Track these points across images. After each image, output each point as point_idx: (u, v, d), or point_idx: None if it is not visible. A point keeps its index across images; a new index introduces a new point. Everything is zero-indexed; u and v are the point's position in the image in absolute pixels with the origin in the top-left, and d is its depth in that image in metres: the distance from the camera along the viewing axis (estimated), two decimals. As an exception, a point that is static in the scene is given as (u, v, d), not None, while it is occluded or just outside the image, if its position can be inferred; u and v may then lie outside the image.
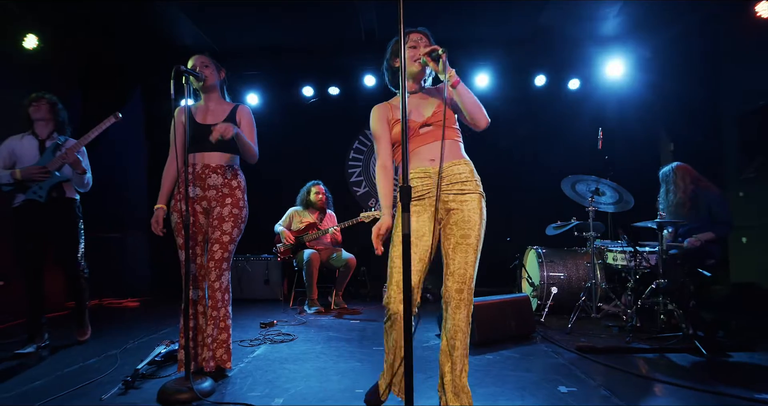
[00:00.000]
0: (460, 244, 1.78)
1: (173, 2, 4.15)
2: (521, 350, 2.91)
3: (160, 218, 2.34)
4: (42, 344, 2.98)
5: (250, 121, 2.48)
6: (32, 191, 2.90)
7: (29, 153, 2.96)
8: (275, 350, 2.96)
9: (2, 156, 2.95)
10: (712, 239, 3.40)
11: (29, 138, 3.01)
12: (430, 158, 1.86)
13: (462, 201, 1.82)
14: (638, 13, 4.59)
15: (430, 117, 1.90)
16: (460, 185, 1.83)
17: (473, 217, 1.80)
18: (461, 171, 1.85)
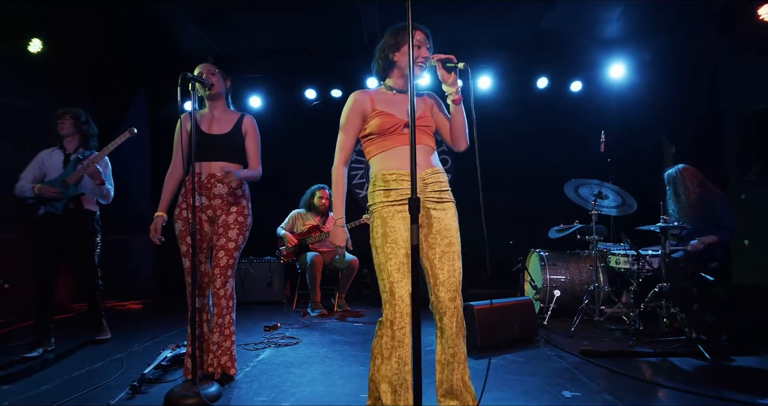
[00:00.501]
0: (446, 253, 1.75)
1: (178, 6, 4.16)
2: (525, 354, 2.93)
3: (159, 225, 2.35)
4: (49, 348, 3.01)
5: (255, 132, 2.50)
6: (50, 204, 3.03)
7: (56, 166, 3.10)
8: (280, 353, 2.98)
9: (33, 168, 3.11)
10: (715, 242, 3.41)
11: (57, 152, 3.16)
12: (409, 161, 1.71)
13: (443, 209, 1.80)
14: (640, 16, 4.60)
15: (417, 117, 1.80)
16: (440, 193, 1.81)
17: (453, 225, 1.80)
18: (442, 179, 1.84)
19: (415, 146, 1.36)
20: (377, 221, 1.76)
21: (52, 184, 3.01)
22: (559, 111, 5.54)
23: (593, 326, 3.53)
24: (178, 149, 2.43)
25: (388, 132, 1.81)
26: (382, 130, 1.80)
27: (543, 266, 3.90)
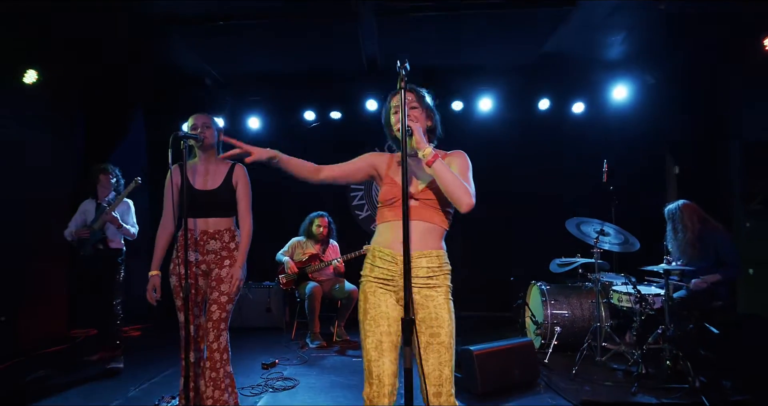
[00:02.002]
0: (431, 343, 1.62)
1: (174, 33, 4.10)
2: (525, 402, 2.89)
3: (157, 285, 2.32)
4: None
5: (245, 184, 2.46)
6: (83, 247, 3.58)
7: (90, 214, 3.64)
8: (276, 401, 2.95)
9: (77, 218, 3.64)
10: (718, 281, 3.35)
11: (91, 201, 3.69)
12: (400, 241, 1.47)
13: (426, 295, 1.66)
14: (643, 41, 4.52)
15: (419, 192, 1.72)
16: (426, 279, 1.66)
17: (441, 313, 1.64)
18: (430, 264, 1.67)
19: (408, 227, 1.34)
20: (361, 295, 1.73)
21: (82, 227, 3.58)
22: (561, 133, 5.49)
23: (595, 366, 3.49)
24: (168, 204, 2.39)
25: (388, 203, 1.73)
26: (384, 199, 1.75)
27: (544, 301, 3.86)
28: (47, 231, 4.37)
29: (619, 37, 4.46)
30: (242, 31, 4.09)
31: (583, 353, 3.45)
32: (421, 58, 4.84)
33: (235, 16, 3.80)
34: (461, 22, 4.06)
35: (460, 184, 1.61)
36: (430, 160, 1.60)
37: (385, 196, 1.75)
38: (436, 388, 1.60)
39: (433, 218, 1.71)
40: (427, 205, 1.71)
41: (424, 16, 3.88)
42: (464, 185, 1.61)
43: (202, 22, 3.87)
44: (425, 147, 1.62)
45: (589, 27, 4.20)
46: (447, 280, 1.70)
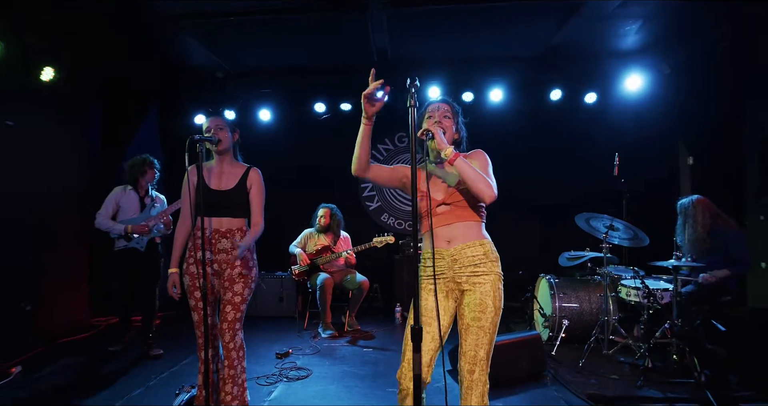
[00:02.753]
0: (471, 326, 1.80)
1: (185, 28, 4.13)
2: (531, 394, 2.96)
3: (177, 282, 2.41)
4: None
5: (259, 186, 2.50)
6: (135, 241, 3.66)
7: (132, 207, 3.70)
8: (291, 390, 3.06)
9: (110, 206, 3.65)
10: (727, 276, 3.36)
11: (132, 192, 3.73)
12: (446, 240, 1.87)
13: (474, 283, 1.82)
14: (659, 30, 4.43)
15: (449, 196, 1.89)
16: (473, 267, 1.82)
17: (485, 300, 1.79)
18: (474, 253, 1.84)
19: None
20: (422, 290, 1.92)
21: (140, 224, 3.61)
22: (572, 124, 5.44)
23: (602, 359, 3.54)
24: (186, 203, 2.46)
25: (425, 214, 1.90)
26: (421, 211, 1.91)
27: (552, 294, 3.90)
28: (67, 222, 4.53)
29: (633, 27, 4.38)
30: (253, 26, 4.11)
31: (590, 346, 3.50)
32: (430, 49, 4.82)
33: (246, 12, 3.81)
34: (470, 14, 4.02)
35: (482, 178, 1.75)
36: (452, 158, 1.76)
37: (422, 209, 1.92)
38: (470, 366, 1.79)
39: (467, 217, 1.88)
40: (458, 206, 1.88)
41: (433, 8, 3.85)
42: (485, 179, 1.76)
43: (214, 18, 3.89)
44: (446, 147, 1.78)
45: (602, 17, 4.13)
46: (495, 267, 1.85)
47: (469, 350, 1.79)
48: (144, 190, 3.78)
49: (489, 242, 1.90)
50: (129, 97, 5.29)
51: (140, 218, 3.68)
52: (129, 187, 3.74)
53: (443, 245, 1.86)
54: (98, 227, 3.63)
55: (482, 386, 1.80)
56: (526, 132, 5.51)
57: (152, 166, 3.79)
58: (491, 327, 1.79)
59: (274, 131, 5.70)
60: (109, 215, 3.64)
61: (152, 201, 3.79)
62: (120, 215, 3.69)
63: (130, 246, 3.66)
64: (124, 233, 3.60)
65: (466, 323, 1.81)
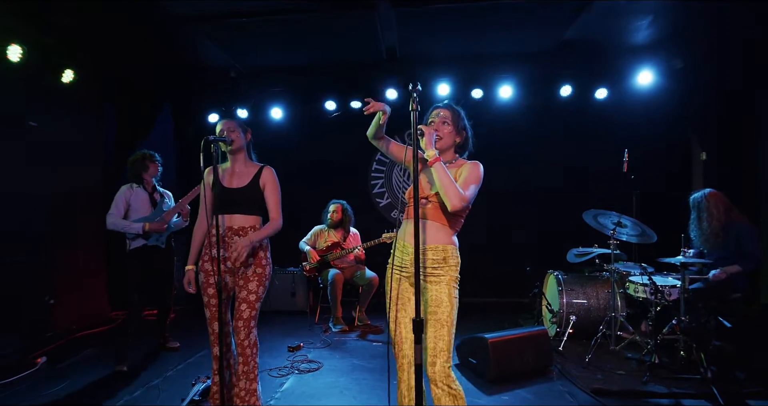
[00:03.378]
0: (429, 320, 1.88)
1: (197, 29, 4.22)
2: (537, 389, 3.01)
3: (192, 278, 2.50)
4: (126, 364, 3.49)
5: (273, 184, 2.56)
6: (155, 239, 3.59)
7: (142, 205, 3.60)
8: (302, 382, 3.16)
9: (121, 205, 3.54)
10: (738, 272, 3.35)
11: (139, 190, 3.63)
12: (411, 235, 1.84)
13: (431, 281, 1.93)
14: (671, 24, 4.39)
15: (433, 194, 1.97)
16: (431, 269, 1.93)
17: (440, 296, 1.90)
18: (435, 256, 1.93)
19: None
20: (387, 276, 2.09)
21: (157, 221, 3.54)
22: (583, 120, 5.42)
23: (609, 354, 3.57)
24: (202, 203, 2.55)
25: (410, 202, 1.99)
26: (408, 199, 2.03)
27: (560, 290, 3.92)
28: (86, 219, 4.68)
29: (645, 22, 4.34)
30: (264, 27, 4.18)
31: (597, 342, 3.53)
32: (439, 46, 4.84)
33: (258, 13, 3.88)
34: (479, 11, 4.03)
35: (452, 186, 1.84)
36: (431, 161, 1.87)
37: (408, 196, 2.04)
38: (432, 358, 1.83)
39: (442, 218, 1.96)
40: (437, 207, 1.96)
41: (442, 6, 3.88)
42: (455, 188, 1.84)
43: (227, 19, 3.97)
44: (430, 149, 1.88)
45: (613, 13, 4.11)
46: (452, 271, 1.94)
47: (429, 343, 1.85)
48: (150, 186, 3.69)
49: (453, 247, 1.97)
50: (143, 97, 5.41)
51: (154, 215, 3.58)
52: (135, 185, 3.62)
53: (410, 241, 1.92)
54: (112, 228, 3.48)
55: (445, 377, 1.82)
56: (535, 128, 5.50)
57: (152, 159, 3.69)
58: (448, 320, 1.87)
59: (286, 129, 5.78)
60: (121, 214, 3.52)
61: (162, 197, 3.71)
62: (131, 213, 3.56)
63: (150, 244, 3.56)
64: (142, 232, 3.49)
65: (427, 317, 1.89)
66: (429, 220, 1.96)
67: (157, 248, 3.61)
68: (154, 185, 3.73)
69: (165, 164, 3.90)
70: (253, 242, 2.40)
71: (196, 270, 2.54)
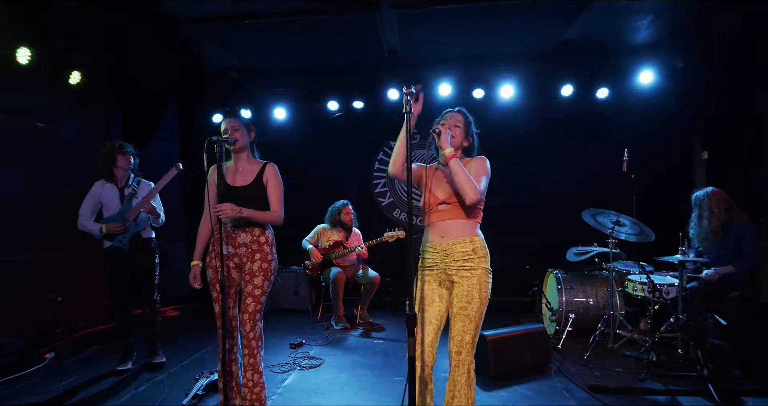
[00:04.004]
0: (458, 314, 2.01)
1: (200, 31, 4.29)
2: (535, 386, 3.05)
3: (197, 274, 2.57)
4: (133, 359, 3.47)
5: (276, 180, 2.62)
6: (117, 240, 3.33)
7: (112, 199, 3.38)
8: (304, 378, 3.22)
9: (91, 203, 3.37)
10: (731, 272, 3.36)
11: (110, 186, 3.40)
12: (441, 234, 2.09)
13: (463, 276, 2.02)
14: (672, 24, 4.41)
15: (450, 196, 2.08)
16: (462, 262, 2.03)
17: (472, 292, 2.00)
18: (464, 249, 2.03)
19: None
20: (417, 276, 2.14)
21: (115, 221, 3.28)
22: (584, 119, 5.44)
23: (607, 352, 3.60)
24: (207, 201, 2.61)
25: (427, 209, 2.14)
26: (425, 206, 2.15)
27: (560, 289, 3.96)
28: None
29: (645, 22, 4.36)
30: (267, 28, 4.24)
31: (596, 340, 3.56)
32: (440, 46, 4.88)
33: (261, 15, 3.94)
34: (479, 12, 4.07)
35: (468, 181, 1.96)
36: (448, 157, 2.00)
37: (425, 205, 2.15)
38: (458, 348, 2.00)
39: (462, 216, 2.08)
40: (456, 206, 2.08)
41: (442, 8, 3.92)
42: (472, 182, 1.97)
43: (231, 21, 4.03)
44: (446, 147, 2.02)
45: (613, 12, 4.14)
46: (483, 262, 2.04)
47: (457, 335, 2.01)
48: (123, 180, 3.40)
49: (480, 239, 2.09)
50: (148, 98, 5.48)
51: (121, 211, 3.32)
52: (105, 180, 3.40)
53: (437, 240, 2.08)
54: (81, 229, 3.33)
55: (468, 364, 2.01)
56: (537, 128, 5.53)
57: (122, 150, 3.37)
58: (477, 316, 2.00)
59: (289, 129, 5.84)
60: (88, 214, 3.34)
61: (133, 191, 3.37)
62: (105, 211, 3.38)
63: (114, 245, 3.33)
64: (101, 235, 3.28)
65: (455, 311, 2.02)
66: (451, 219, 2.07)
67: (121, 250, 3.33)
68: (127, 179, 3.42)
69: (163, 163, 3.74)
70: (242, 214, 2.43)
71: (203, 266, 2.60)
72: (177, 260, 5.92)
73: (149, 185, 3.47)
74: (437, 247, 2.07)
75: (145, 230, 3.47)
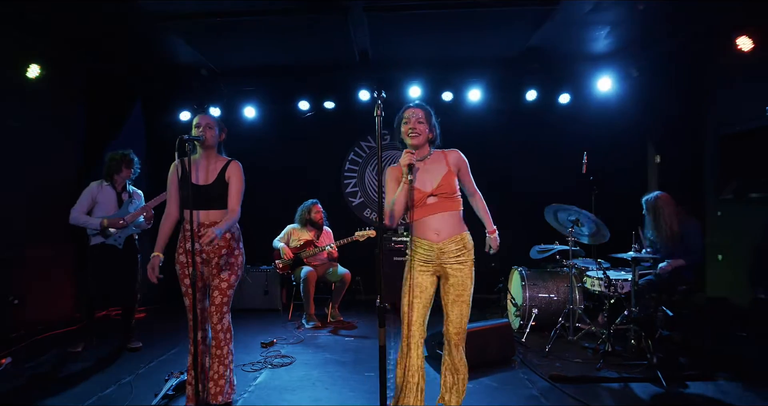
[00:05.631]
0: (456, 301, 2.27)
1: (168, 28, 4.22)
2: (499, 377, 3.19)
3: (155, 265, 2.56)
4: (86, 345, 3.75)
5: (237, 178, 2.63)
6: (113, 238, 3.64)
7: (108, 202, 3.64)
8: (275, 376, 3.24)
9: (86, 201, 3.59)
10: (683, 265, 3.62)
11: (108, 188, 3.67)
12: (435, 232, 2.23)
13: (458, 269, 2.25)
14: (626, 35, 4.67)
15: (435, 188, 2.23)
16: (455, 258, 2.25)
17: (466, 281, 2.26)
18: (457, 246, 2.25)
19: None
20: (408, 267, 2.32)
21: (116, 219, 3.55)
22: (547, 123, 5.68)
23: (567, 344, 3.80)
24: (170, 195, 2.61)
25: (414, 205, 2.25)
26: (411, 202, 2.25)
27: (524, 285, 4.13)
28: (50, 218, 4.58)
29: (603, 32, 4.61)
30: (237, 26, 4.22)
31: (557, 333, 3.75)
32: (411, 50, 4.99)
33: (230, 13, 3.92)
34: (448, 17, 4.19)
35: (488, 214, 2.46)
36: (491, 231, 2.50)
37: (411, 200, 2.24)
38: (457, 329, 2.28)
39: (451, 206, 2.25)
40: (443, 197, 2.24)
41: (412, 12, 4.02)
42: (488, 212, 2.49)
43: (199, 18, 3.99)
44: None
45: (573, 22, 4.35)
46: (471, 255, 2.30)
47: (456, 319, 2.28)
48: (121, 185, 3.72)
49: (467, 233, 2.31)
50: (113, 94, 5.33)
51: (118, 215, 3.61)
52: (105, 182, 3.67)
53: (433, 238, 2.23)
54: (74, 223, 3.56)
55: (463, 343, 2.34)
56: (503, 131, 5.73)
57: (130, 165, 3.71)
58: (469, 301, 2.30)
59: (259, 128, 5.81)
60: (84, 210, 3.58)
61: (130, 197, 3.72)
62: (96, 210, 3.61)
63: (108, 243, 3.62)
64: (100, 229, 3.55)
65: (451, 299, 2.27)
66: (440, 212, 2.23)
67: (115, 248, 3.64)
68: (124, 185, 3.75)
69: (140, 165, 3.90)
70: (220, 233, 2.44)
71: (163, 259, 2.59)
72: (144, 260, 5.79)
73: (140, 194, 3.87)
74: (433, 245, 2.23)
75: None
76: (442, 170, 2.27)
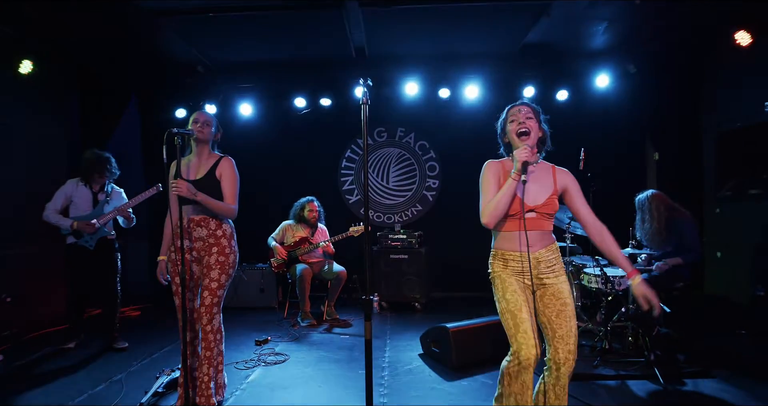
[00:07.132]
0: (562, 311, 2.00)
1: (164, 24, 4.19)
2: (496, 374, 3.09)
3: (163, 269, 2.54)
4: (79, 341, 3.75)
5: (230, 174, 2.58)
6: (84, 240, 3.58)
7: (83, 202, 3.59)
8: (268, 373, 3.20)
9: (60, 199, 3.55)
10: (680, 264, 3.58)
11: (84, 188, 3.62)
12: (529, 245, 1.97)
13: (555, 277, 2.04)
14: (624, 31, 4.64)
15: (540, 205, 2.03)
16: (552, 267, 2.05)
17: (565, 288, 2.03)
18: (553, 255, 2.07)
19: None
20: (497, 280, 2.09)
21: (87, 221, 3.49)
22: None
23: (564, 342, 3.75)
24: (171, 196, 2.57)
25: (508, 216, 2.03)
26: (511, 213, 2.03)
27: (520, 282, 4.09)
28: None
29: (600, 28, 4.58)
30: (233, 22, 4.19)
31: (553, 330, 3.70)
32: (407, 46, 4.95)
33: (226, 9, 3.89)
34: (445, 13, 4.16)
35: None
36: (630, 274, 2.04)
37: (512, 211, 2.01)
38: (570, 346, 1.96)
39: (546, 226, 2.07)
40: (542, 217, 2.04)
41: (408, 7, 3.99)
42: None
43: (194, 14, 3.96)
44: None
45: (570, 18, 4.31)
46: (562, 266, 2.10)
47: (567, 333, 1.97)
48: (98, 185, 3.66)
49: (557, 246, 2.13)
50: (108, 91, 5.30)
51: (92, 215, 3.55)
52: (81, 181, 3.62)
53: (525, 250, 2.00)
54: (46, 220, 3.52)
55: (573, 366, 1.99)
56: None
57: (102, 171, 3.61)
58: (573, 312, 2.03)
59: (255, 125, 5.78)
60: (57, 208, 3.52)
61: (107, 197, 3.65)
62: (72, 209, 3.57)
63: (79, 243, 3.58)
64: (70, 230, 3.51)
65: (557, 309, 2.00)
66: (537, 230, 2.03)
67: (86, 250, 3.59)
68: (102, 185, 3.68)
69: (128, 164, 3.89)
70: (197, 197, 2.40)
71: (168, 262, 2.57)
72: (139, 259, 5.77)
73: (120, 193, 3.76)
74: (524, 256, 2.01)
75: (110, 231, 3.70)
76: (548, 187, 2.06)
